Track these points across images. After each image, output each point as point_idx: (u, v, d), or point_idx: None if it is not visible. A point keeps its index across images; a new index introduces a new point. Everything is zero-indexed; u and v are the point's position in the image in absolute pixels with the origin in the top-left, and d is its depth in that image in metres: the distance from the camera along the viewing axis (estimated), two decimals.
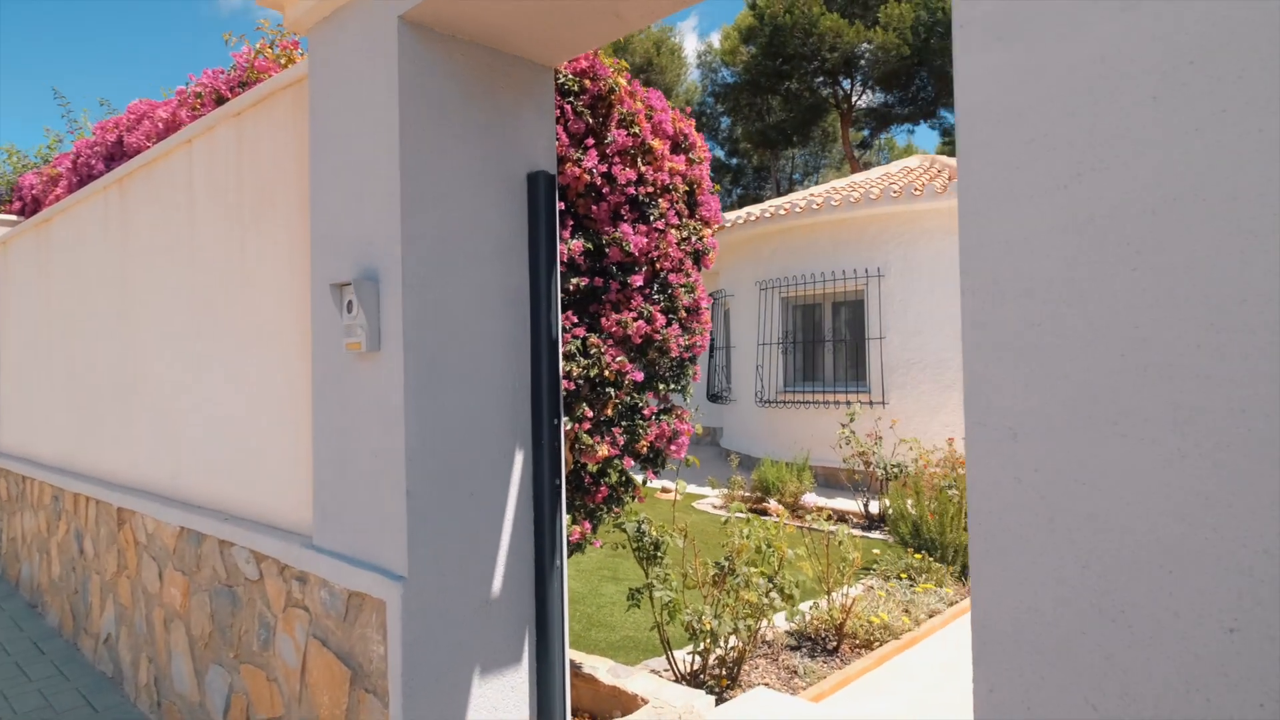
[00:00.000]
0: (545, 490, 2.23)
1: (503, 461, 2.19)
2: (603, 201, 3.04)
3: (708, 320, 3.37)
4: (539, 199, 2.28)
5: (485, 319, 2.18)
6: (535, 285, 2.27)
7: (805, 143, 34.73)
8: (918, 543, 6.12)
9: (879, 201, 9.37)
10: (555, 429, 2.26)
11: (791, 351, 10.63)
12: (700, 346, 3.32)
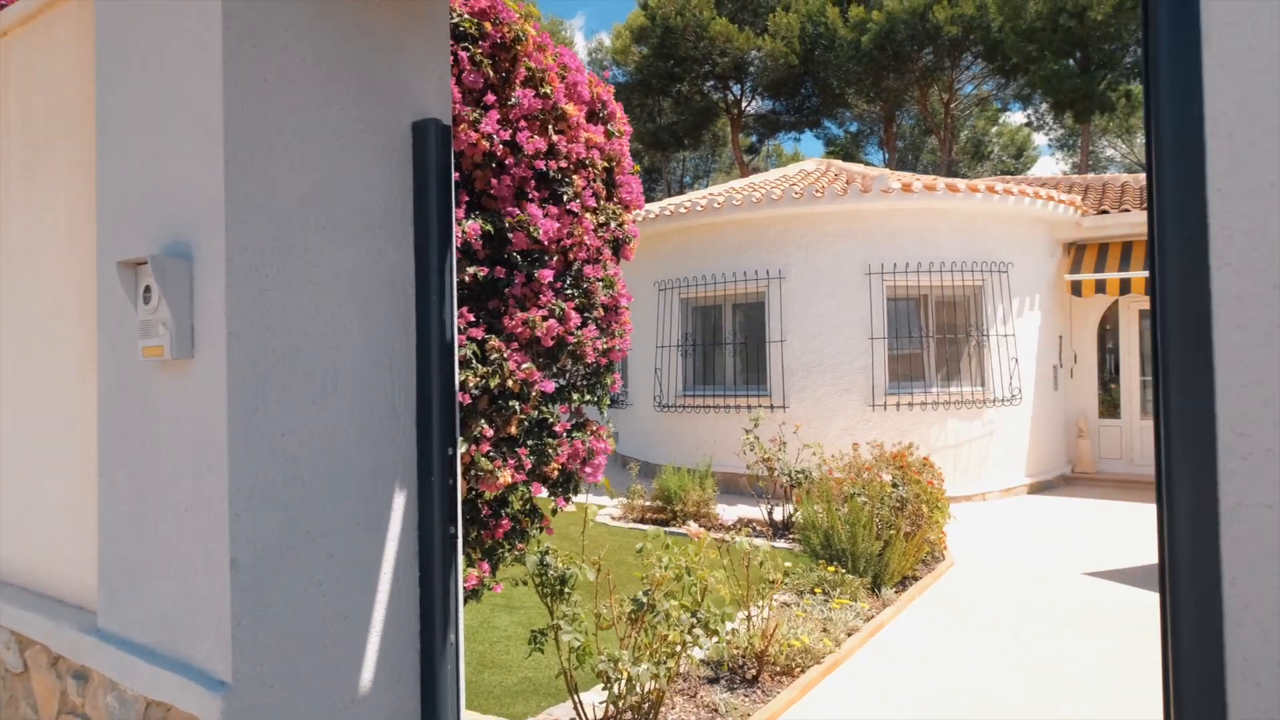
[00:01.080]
0: (436, 543, 1.67)
1: (377, 508, 1.62)
2: (505, 175, 2.51)
3: (628, 321, 2.90)
4: (429, 156, 1.72)
5: (352, 314, 1.60)
6: (424, 270, 1.72)
7: (696, 146, 34.93)
8: (829, 554, 5.86)
9: (780, 202, 9.19)
10: (449, 460, 1.71)
11: (691, 354, 10.32)
12: (621, 351, 2.84)
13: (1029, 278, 9.86)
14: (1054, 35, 22.78)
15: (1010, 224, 9.69)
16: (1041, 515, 8.42)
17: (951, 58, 26.12)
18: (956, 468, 9.14)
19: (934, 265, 9.22)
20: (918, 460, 6.74)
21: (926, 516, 6.03)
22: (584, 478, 2.76)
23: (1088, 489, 9.85)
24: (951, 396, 9.22)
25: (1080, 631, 4.91)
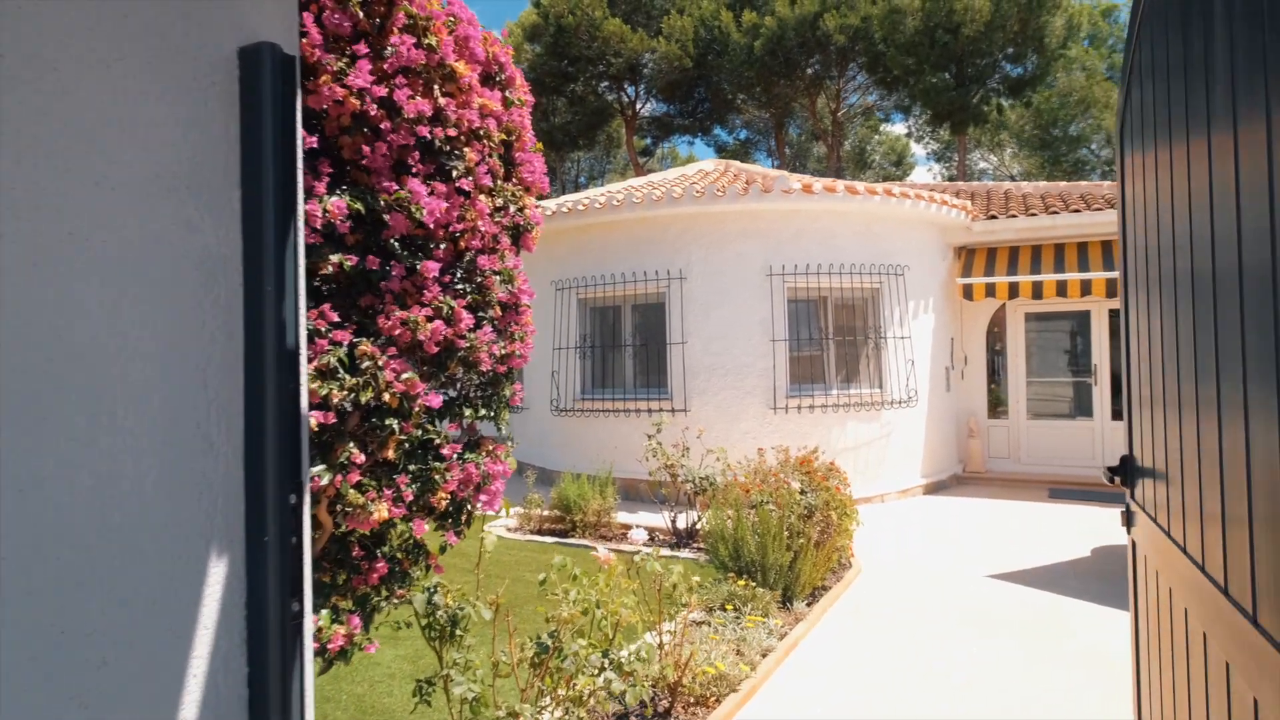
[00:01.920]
0: (272, 627, 1.21)
1: (182, 585, 1.14)
2: (380, 142, 2.04)
3: (530, 322, 2.48)
4: (263, 95, 1.25)
5: (143, 308, 1.13)
6: (256, 251, 1.25)
7: (590, 146, 34.58)
8: (738, 566, 5.60)
9: (682, 201, 8.94)
10: (291, 509, 1.25)
11: (590, 356, 9.92)
12: (522, 357, 2.42)
13: (924, 281, 10.02)
14: (931, 50, 23.77)
15: (906, 227, 9.81)
16: (939, 516, 8.51)
17: (839, 67, 26.88)
18: (856, 470, 9.14)
19: (834, 267, 9.20)
20: (824, 465, 6.60)
21: (836, 524, 5.88)
22: (479, 507, 2.32)
23: (979, 488, 10.10)
24: (851, 399, 9.22)
25: (989, 639, 4.83)
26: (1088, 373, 10.56)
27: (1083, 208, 10.05)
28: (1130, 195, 2.00)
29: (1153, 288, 1.83)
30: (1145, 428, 1.94)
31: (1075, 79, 27.94)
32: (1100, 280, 9.53)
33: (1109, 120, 27.83)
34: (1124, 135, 2.05)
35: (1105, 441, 10.37)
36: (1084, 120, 28.70)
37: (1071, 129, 29.08)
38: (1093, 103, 27.79)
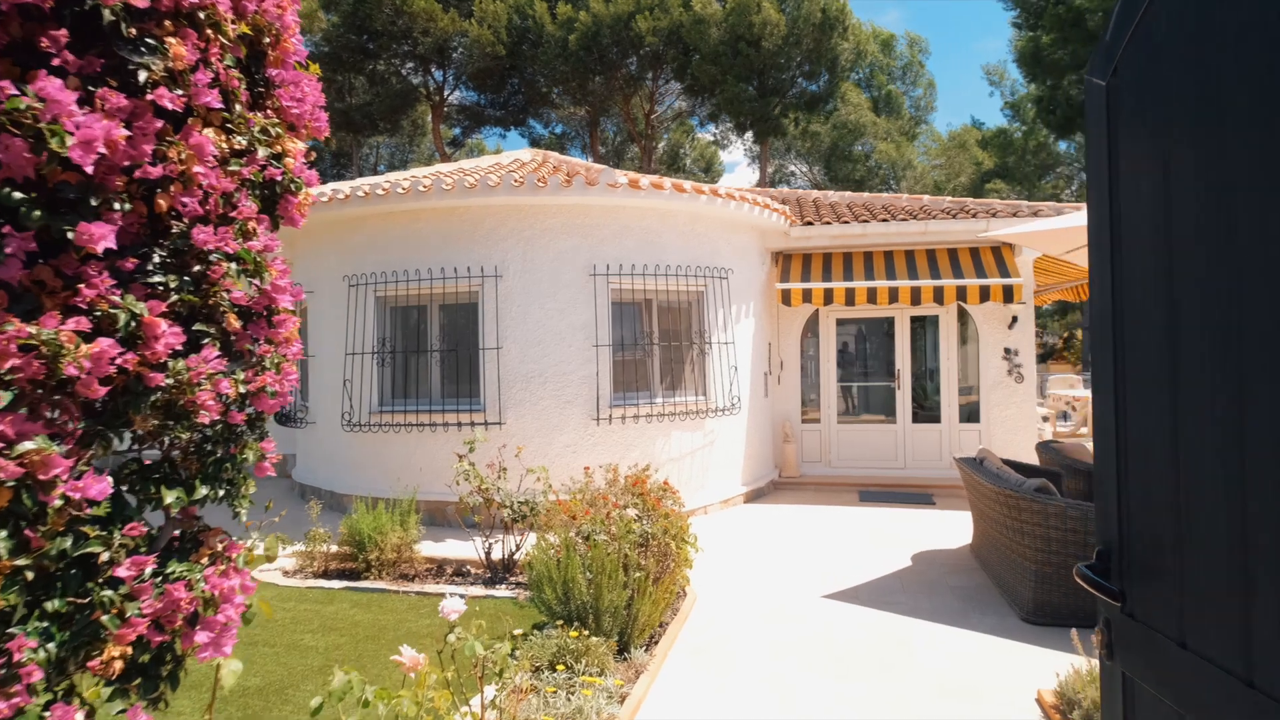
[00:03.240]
0: None
1: None
2: None
3: (294, 337, 1.59)
4: None
5: None
6: None
7: (393, 131, 32.30)
8: (567, 610, 4.85)
9: (498, 190, 8.04)
10: None
11: (390, 363, 8.74)
12: (278, 395, 1.53)
13: (746, 285, 9.84)
14: (734, 60, 24.44)
15: (729, 230, 9.57)
16: (764, 528, 8.28)
17: (653, 69, 26.97)
18: (681, 481, 8.72)
19: (659, 268, 8.73)
20: (657, 485, 6.02)
21: (675, 554, 5.31)
22: (193, 652, 1.40)
23: (795, 494, 10.08)
24: (676, 407, 8.80)
25: (842, 681, 4.45)
26: (892, 377, 10.92)
27: (889, 218, 10.35)
28: (1128, 183, 1.49)
29: (1186, 294, 1.33)
30: (1162, 496, 1.44)
31: (861, 96, 30.07)
32: (906, 288, 9.82)
33: (887, 133, 30.21)
34: (1116, 103, 1.55)
35: (907, 443, 10.78)
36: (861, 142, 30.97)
37: (857, 146, 31.30)
38: (872, 120, 30.03)
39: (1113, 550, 1.59)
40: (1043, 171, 29.25)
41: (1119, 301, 1.52)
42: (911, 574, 6.46)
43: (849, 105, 30.32)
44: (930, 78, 33.72)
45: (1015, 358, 10.41)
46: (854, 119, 30.46)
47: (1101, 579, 1.59)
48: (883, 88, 32.10)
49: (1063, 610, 5.13)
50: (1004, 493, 5.40)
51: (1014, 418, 10.40)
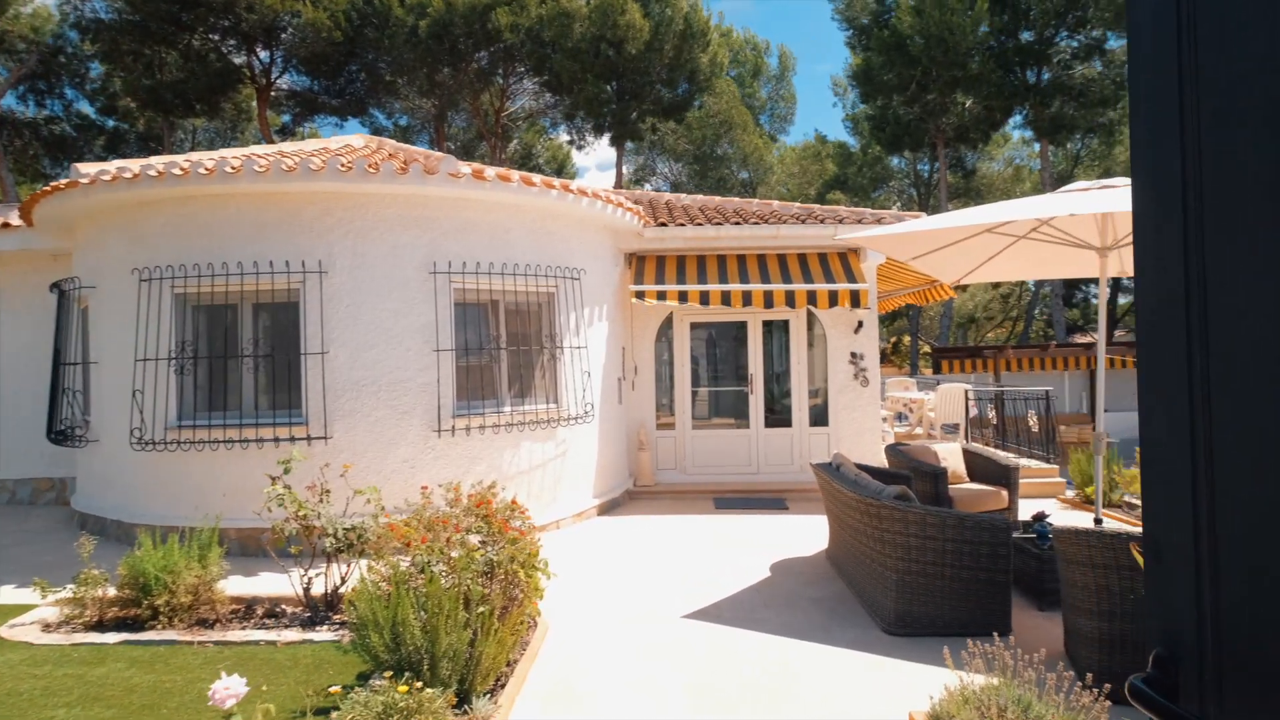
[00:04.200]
0: None
1: None
2: None
3: None
4: None
5: None
6: None
7: (213, 115, 29.45)
8: (397, 658, 4.17)
9: (322, 175, 7.14)
10: None
11: (192, 370, 7.57)
12: None
13: (599, 287, 9.41)
14: (596, 60, 24.15)
15: (582, 228, 9.11)
16: (619, 542, 7.86)
17: (506, 65, 26.13)
18: (530, 495, 8.16)
19: (507, 267, 8.12)
20: (504, 505, 5.44)
21: (524, 583, 4.74)
22: None
23: (650, 504, 9.76)
24: (525, 416, 8.21)
25: (708, 711, 4.07)
26: (745, 381, 10.87)
27: (741, 221, 10.29)
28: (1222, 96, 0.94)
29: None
30: None
31: (722, 103, 30.69)
32: (759, 291, 9.76)
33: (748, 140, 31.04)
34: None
35: (760, 447, 10.75)
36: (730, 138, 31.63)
37: (719, 150, 31.91)
38: (735, 124, 30.74)
39: (1184, 654, 1.01)
40: (877, 184, 31.09)
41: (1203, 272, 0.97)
42: (771, 586, 6.24)
43: (713, 112, 30.87)
44: (793, 90, 35.09)
45: (861, 362, 10.63)
46: (718, 124, 31.03)
47: (1166, 699, 0.99)
48: (750, 96, 32.97)
49: (923, 620, 5.03)
50: (865, 500, 5.25)
51: (860, 420, 10.62)
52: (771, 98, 34.26)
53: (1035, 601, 5.63)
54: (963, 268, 7.24)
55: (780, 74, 34.03)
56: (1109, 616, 3.96)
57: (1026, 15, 23.82)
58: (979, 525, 4.93)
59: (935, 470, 7.28)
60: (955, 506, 7.23)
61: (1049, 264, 7.14)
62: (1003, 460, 7.83)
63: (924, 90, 24.49)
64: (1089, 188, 5.64)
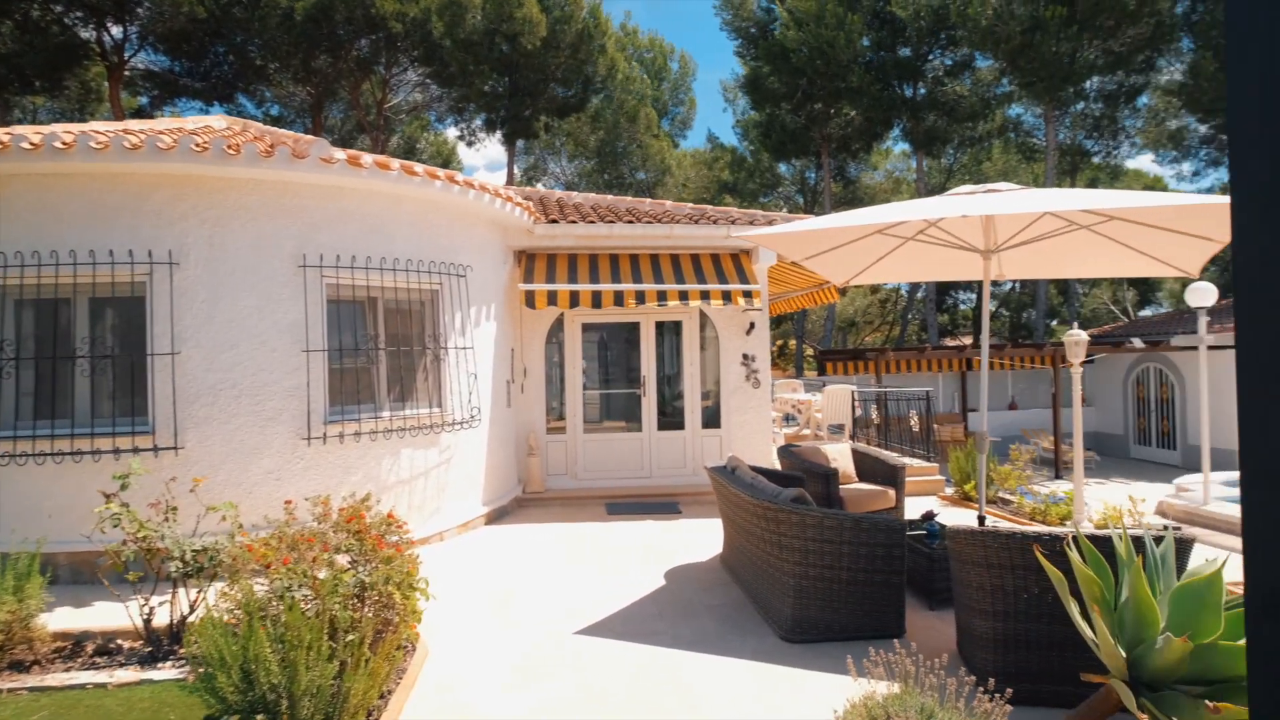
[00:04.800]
0: None
1: None
2: None
3: None
4: None
5: None
6: None
7: (55, 93, 26.77)
8: (249, 700, 3.67)
9: (173, 155, 6.41)
10: None
11: (13, 374, 6.63)
12: None
13: (486, 285, 8.98)
14: (490, 53, 23.47)
15: (468, 223, 8.65)
16: (508, 553, 7.47)
17: (389, 54, 25.00)
18: (413, 506, 7.66)
19: (387, 262, 7.58)
20: (379, 518, 4.98)
21: (400, 606, 4.31)
22: None
23: (540, 511, 9.40)
24: (407, 421, 7.69)
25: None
26: (637, 383, 10.68)
27: (635, 220, 10.10)
28: None
29: None
30: None
31: (624, 102, 30.50)
32: (652, 291, 9.59)
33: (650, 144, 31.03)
34: None
35: (653, 451, 10.59)
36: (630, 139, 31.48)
37: (618, 148, 31.72)
38: (638, 123, 30.64)
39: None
40: (766, 190, 31.82)
41: None
42: (667, 595, 6.03)
43: (618, 108, 30.64)
44: (693, 95, 35.37)
45: (753, 363, 10.65)
46: (622, 121, 30.80)
47: None
48: (655, 99, 32.91)
49: (820, 625, 4.93)
50: (762, 505, 5.12)
51: (752, 422, 10.63)
52: (673, 101, 34.46)
53: (926, 601, 5.67)
54: (853, 268, 7.29)
55: (681, 78, 34.27)
56: (1004, 616, 3.95)
57: (903, 32, 24.94)
58: (875, 527, 4.88)
59: (827, 471, 7.29)
60: (845, 506, 7.27)
61: (934, 266, 7.29)
62: (890, 460, 7.95)
63: (809, 100, 25.20)
64: (975, 191, 5.73)
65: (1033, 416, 19.43)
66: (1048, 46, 20.85)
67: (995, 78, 25.92)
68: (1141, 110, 27.30)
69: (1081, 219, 5.90)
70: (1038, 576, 3.81)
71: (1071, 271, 7.55)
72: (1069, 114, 27.29)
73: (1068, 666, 3.82)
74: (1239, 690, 2.44)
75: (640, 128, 30.89)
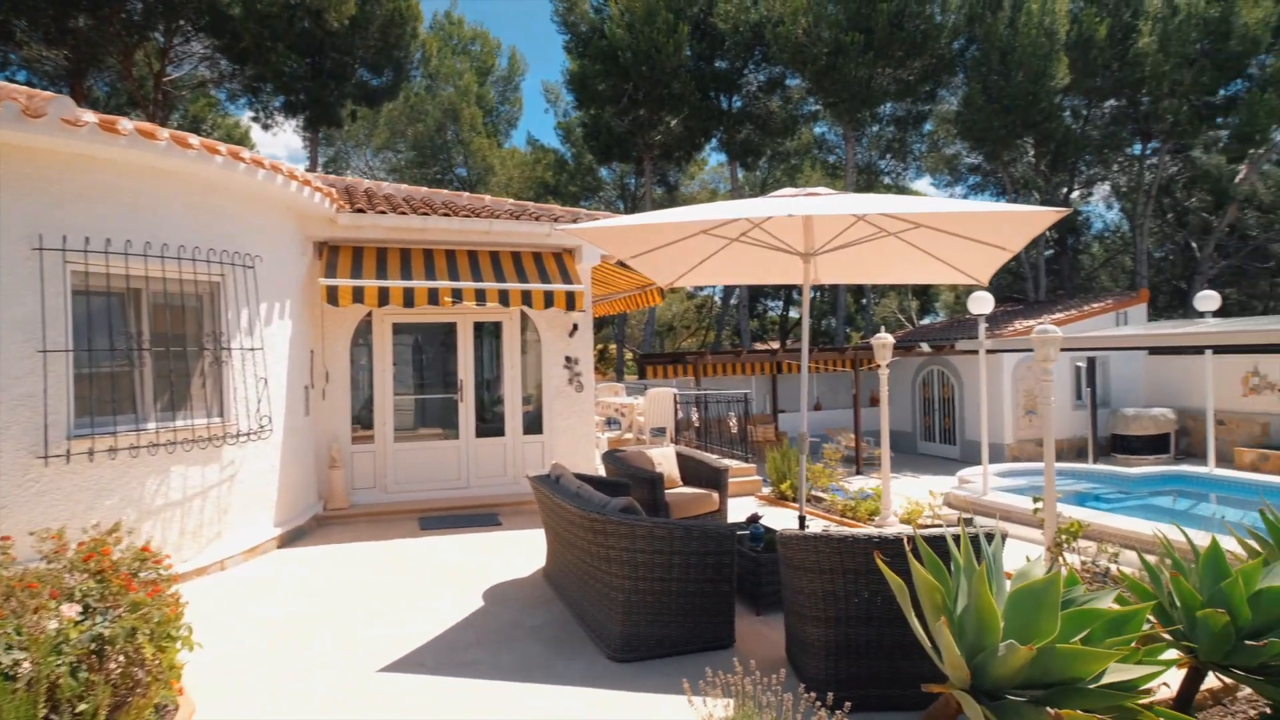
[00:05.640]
0: None
1: None
2: None
3: None
4: None
5: None
6: None
7: None
8: None
9: None
10: None
11: None
12: None
13: (280, 279, 8.01)
14: (289, 29, 21.51)
15: (259, 207, 7.66)
16: (301, 579, 6.62)
17: (168, 19, 22.24)
18: (186, 533, 6.61)
19: (154, 248, 6.50)
20: (132, 553, 4.12)
21: (152, 662, 3.53)
22: None
23: (344, 530, 8.53)
24: (179, 433, 6.62)
25: None
26: (454, 388, 10.05)
27: (452, 213, 9.48)
28: None
29: None
30: None
31: (447, 95, 29.05)
32: (470, 289, 9.01)
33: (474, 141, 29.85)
34: None
35: (471, 459, 10.00)
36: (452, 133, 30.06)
37: (438, 141, 30.18)
38: (461, 119, 29.33)
39: None
40: (588, 194, 31.73)
41: None
42: (484, 617, 5.55)
43: (441, 100, 29.09)
44: (521, 94, 34.34)
45: (576, 366, 10.35)
46: (445, 113, 29.28)
47: None
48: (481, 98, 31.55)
49: (650, 641, 4.68)
50: (588, 516, 4.79)
51: (576, 427, 10.32)
52: (500, 98, 33.41)
53: (752, 606, 5.59)
54: (678, 269, 7.18)
55: (510, 75, 33.29)
56: (835, 622, 3.87)
57: (722, 44, 25.81)
58: (706, 535, 4.70)
59: (653, 476, 7.12)
60: (671, 511, 7.13)
61: (757, 269, 7.34)
62: (714, 463, 7.93)
63: (635, 104, 25.41)
64: (797, 194, 5.76)
65: (836, 416, 20.70)
66: (849, 70, 22.37)
67: (803, 96, 27.50)
68: (926, 136, 30.12)
69: (890, 225, 6.11)
70: (869, 580, 3.76)
71: (880, 277, 7.90)
72: (867, 135, 29.56)
73: (897, 671, 3.80)
74: (1076, 693, 2.41)
75: (464, 124, 29.70)
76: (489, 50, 32.21)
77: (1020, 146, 26.45)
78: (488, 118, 31.99)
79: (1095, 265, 33.08)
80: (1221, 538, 4.31)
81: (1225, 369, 16.63)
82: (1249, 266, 28.53)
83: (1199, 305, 11.68)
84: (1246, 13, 23.33)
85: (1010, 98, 23.00)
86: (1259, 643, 2.92)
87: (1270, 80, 23.67)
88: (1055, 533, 5.83)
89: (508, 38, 50.85)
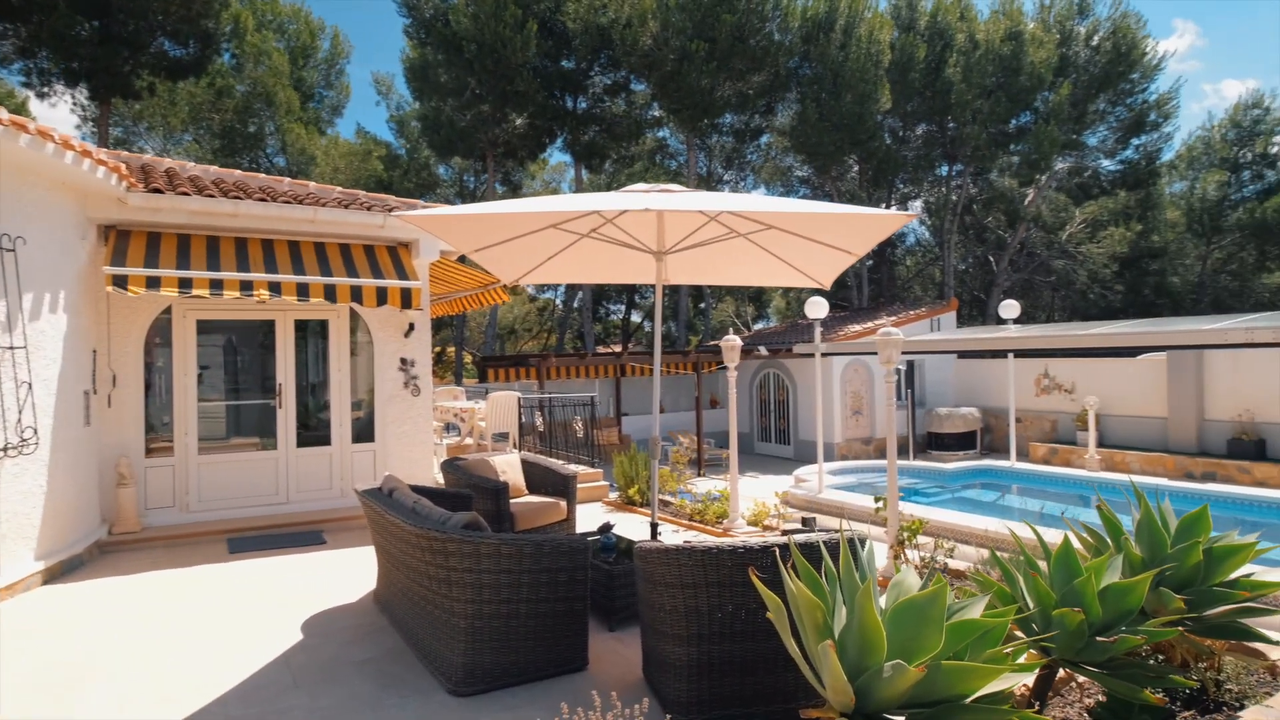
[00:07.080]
0: None
1: None
2: None
3: None
4: None
5: None
6: None
7: None
8: None
9: None
10: None
11: None
12: None
13: (51, 265, 6.80)
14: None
15: (24, 181, 6.45)
16: (73, 620, 5.58)
17: None
18: None
19: None
20: None
21: None
22: None
23: (132, 558, 7.38)
24: None
25: None
26: (272, 393, 9.04)
27: (269, 198, 8.50)
28: None
29: None
30: None
31: (259, 75, 26.51)
32: (291, 283, 8.10)
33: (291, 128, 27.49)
34: None
35: (291, 471, 9.04)
36: (266, 119, 27.49)
37: (251, 127, 27.50)
38: (276, 103, 26.87)
39: None
40: (424, 191, 30.30)
41: None
42: (305, 653, 4.87)
43: (252, 82, 26.43)
44: (347, 80, 31.85)
45: (413, 369, 9.64)
46: (256, 96, 26.63)
47: None
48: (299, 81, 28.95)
49: (496, 670, 4.24)
50: (426, 535, 4.27)
51: (411, 434, 9.60)
52: (322, 83, 30.94)
53: (605, 621, 5.28)
54: (524, 265, 6.77)
55: (332, 59, 30.85)
56: (699, 640, 3.63)
57: (570, 44, 25.49)
58: (558, 550, 4.33)
59: (497, 486, 6.66)
60: (518, 522, 6.70)
61: (607, 267, 7.07)
62: (561, 470, 7.57)
63: (479, 99, 24.52)
64: (651, 189, 5.53)
65: (679, 419, 20.95)
66: (693, 78, 22.77)
67: (648, 101, 27.74)
68: (762, 149, 31.36)
69: (741, 226, 6.02)
70: (733, 593, 3.55)
71: (728, 278, 7.87)
72: (707, 145, 30.31)
73: (762, 687, 3.61)
74: (960, 710, 2.28)
75: (279, 108, 27.36)
76: (310, 30, 29.87)
77: (847, 163, 28.14)
78: (309, 103, 29.72)
79: (909, 276, 35.86)
80: (1046, 531, 4.49)
81: (1021, 371, 18.38)
82: (1035, 280, 32.01)
83: (1003, 313, 12.72)
84: (1033, 52, 26.14)
85: (839, 116, 24.37)
86: (1109, 638, 2.95)
87: (1052, 113, 26.62)
88: (898, 530, 5.97)
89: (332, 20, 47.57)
